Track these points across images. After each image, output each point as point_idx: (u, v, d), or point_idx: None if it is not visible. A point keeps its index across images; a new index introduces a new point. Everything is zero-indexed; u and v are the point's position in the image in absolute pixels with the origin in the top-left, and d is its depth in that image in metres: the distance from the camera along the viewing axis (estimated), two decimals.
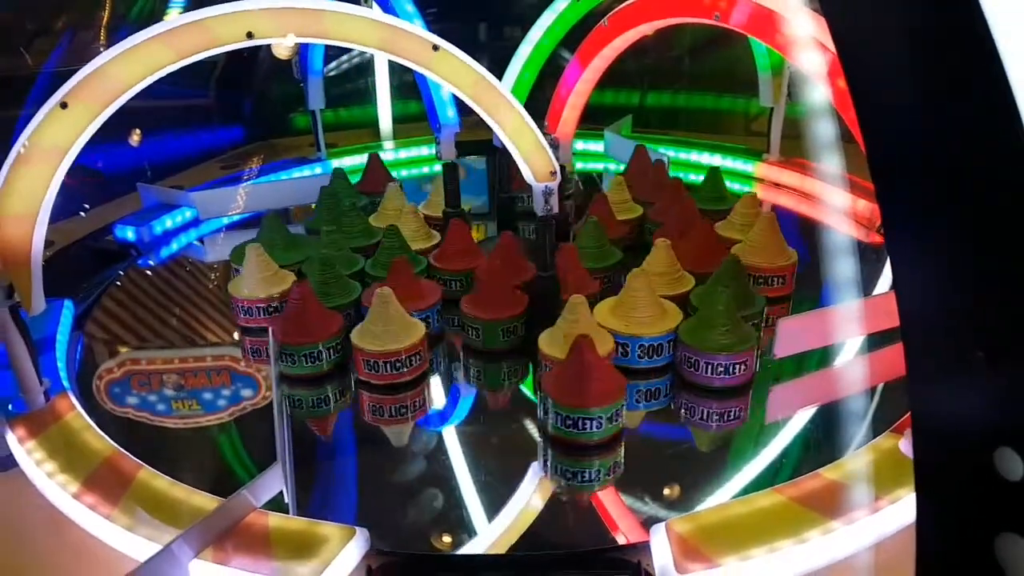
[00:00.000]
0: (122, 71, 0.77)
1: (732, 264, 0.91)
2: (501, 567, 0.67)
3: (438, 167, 1.29)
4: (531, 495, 0.74)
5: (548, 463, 0.79)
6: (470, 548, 0.68)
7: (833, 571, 0.63)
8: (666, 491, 0.76)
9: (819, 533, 0.63)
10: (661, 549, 0.63)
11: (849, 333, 0.89)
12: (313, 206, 1.27)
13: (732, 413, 0.85)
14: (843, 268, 0.83)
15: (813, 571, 0.63)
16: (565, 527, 0.74)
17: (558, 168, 0.99)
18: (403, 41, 0.86)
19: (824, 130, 0.77)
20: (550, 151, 0.97)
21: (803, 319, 0.88)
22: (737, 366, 0.84)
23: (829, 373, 0.91)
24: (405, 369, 0.87)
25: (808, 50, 0.77)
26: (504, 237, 1.00)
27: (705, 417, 0.85)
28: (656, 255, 0.95)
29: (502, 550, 0.68)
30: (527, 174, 0.97)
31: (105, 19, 1.60)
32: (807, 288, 1.04)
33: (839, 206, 1.29)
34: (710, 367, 0.84)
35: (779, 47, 0.84)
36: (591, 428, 0.76)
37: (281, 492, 0.69)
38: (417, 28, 0.89)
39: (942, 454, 0.32)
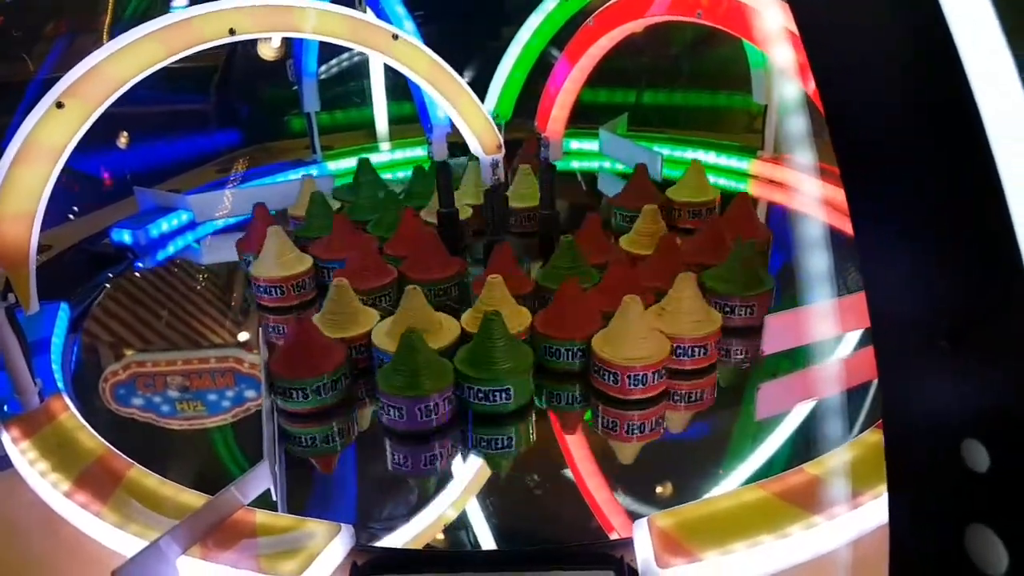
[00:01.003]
0: (116, 69, 0.78)
1: (491, 322, 0.82)
2: (485, 562, 0.68)
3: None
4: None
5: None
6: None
7: (814, 565, 0.63)
8: (659, 489, 0.77)
9: (801, 528, 0.63)
10: (643, 544, 0.63)
11: (836, 329, 0.89)
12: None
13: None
14: (832, 263, 0.83)
15: (795, 565, 0.63)
16: (550, 522, 0.74)
17: (503, 142, 1.07)
18: (367, 31, 0.94)
19: (807, 124, 0.77)
20: (495, 127, 1.06)
21: (790, 316, 0.88)
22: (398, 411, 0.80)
23: (817, 370, 0.91)
24: (276, 295, 1.06)
25: (782, 43, 0.77)
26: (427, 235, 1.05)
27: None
28: (488, 291, 0.91)
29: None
30: (476, 148, 1.06)
31: (107, 23, 1.61)
32: (794, 284, 1.05)
33: (828, 200, 1.29)
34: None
35: (756, 41, 0.85)
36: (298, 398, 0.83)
37: (268, 489, 0.70)
38: (379, 20, 0.98)
39: (911, 447, 0.33)
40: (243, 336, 1.05)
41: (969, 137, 0.27)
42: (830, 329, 0.87)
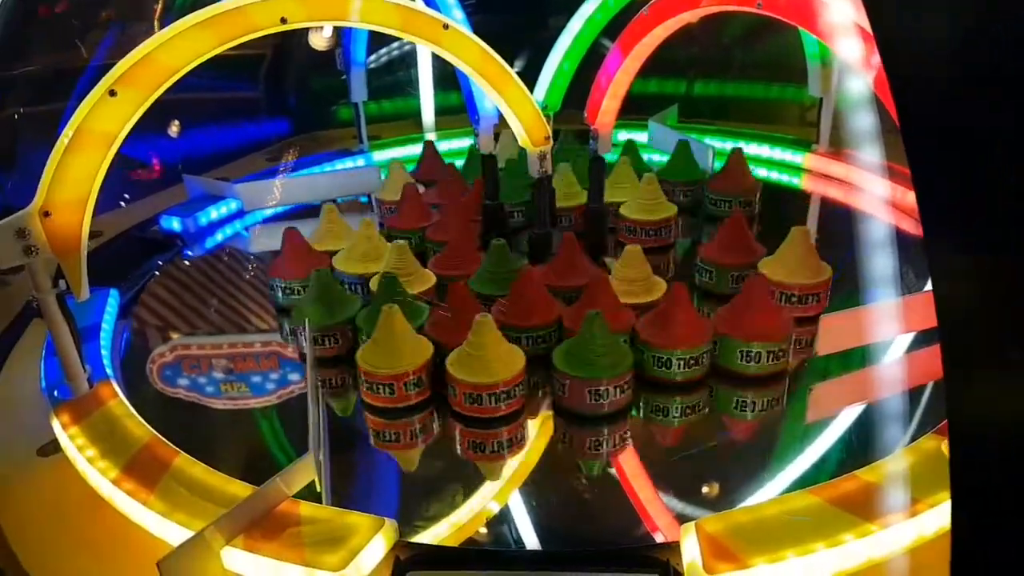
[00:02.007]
0: (168, 57, 0.78)
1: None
2: (530, 562, 0.67)
3: None
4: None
5: None
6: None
7: (868, 574, 0.61)
8: (704, 489, 0.75)
9: (854, 536, 0.61)
10: (691, 549, 0.62)
11: (893, 331, 0.86)
12: None
13: None
14: (890, 263, 0.80)
15: (846, 574, 0.61)
16: (597, 523, 0.73)
17: (551, 133, 1.06)
18: (417, 21, 0.92)
19: (871, 120, 0.75)
20: (544, 118, 1.05)
21: (846, 316, 0.86)
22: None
23: (872, 372, 0.88)
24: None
25: (849, 37, 0.74)
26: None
27: None
28: (393, 253, 0.99)
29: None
30: (524, 139, 1.05)
31: (158, 11, 1.63)
32: (851, 283, 1.02)
33: (888, 198, 1.25)
34: None
35: (821, 34, 0.82)
36: None
37: (313, 481, 0.70)
38: (429, 9, 0.96)
39: (978, 457, 0.32)
40: None
41: None
42: (889, 330, 0.84)
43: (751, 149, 1.58)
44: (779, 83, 1.78)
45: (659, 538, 0.68)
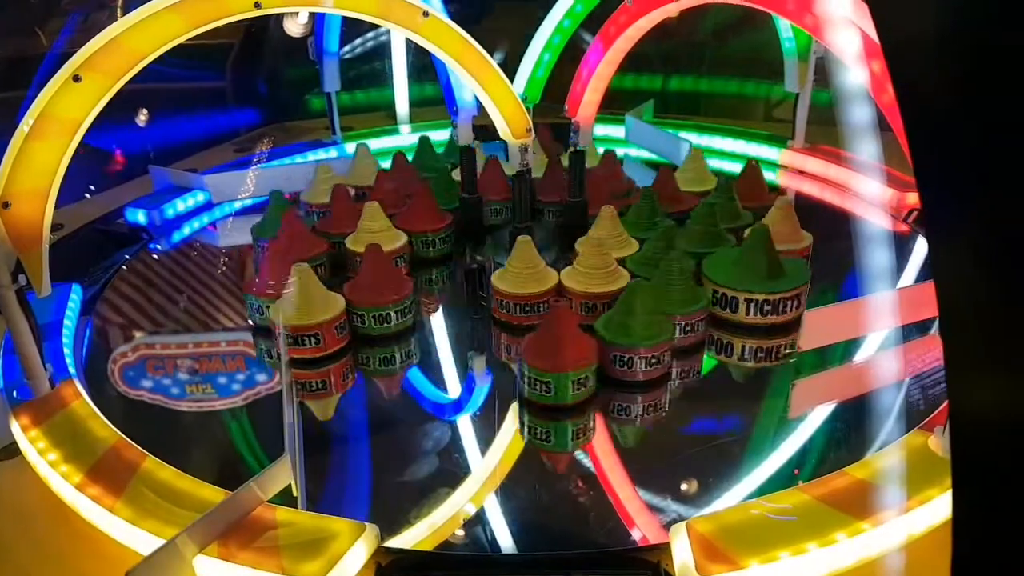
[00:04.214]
0: (136, 41, 0.75)
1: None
2: (517, 567, 0.65)
3: None
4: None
5: None
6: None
7: (860, 572, 0.61)
8: (683, 486, 0.74)
9: (846, 534, 0.61)
10: (682, 549, 0.61)
11: (875, 325, 0.86)
12: None
13: None
14: (869, 258, 0.80)
15: (839, 573, 0.60)
16: (586, 526, 0.72)
17: (532, 126, 1.05)
18: (396, 8, 0.90)
19: (853, 116, 0.74)
20: (525, 110, 1.04)
21: (828, 311, 0.85)
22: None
23: (855, 367, 0.88)
24: None
25: (842, 31, 0.73)
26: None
27: None
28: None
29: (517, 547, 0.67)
30: (505, 132, 1.03)
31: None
32: (831, 278, 1.01)
33: (865, 194, 1.26)
34: None
35: (810, 28, 0.81)
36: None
37: (290, 485, 0.68)
38: None
39: (981, 445, 0.32)
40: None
41: None
42: (871, 325, 0.84)
43: (726, 144, 1.58)
44: (755, 79, 1.79)
45: (649, 539, 0.66)
